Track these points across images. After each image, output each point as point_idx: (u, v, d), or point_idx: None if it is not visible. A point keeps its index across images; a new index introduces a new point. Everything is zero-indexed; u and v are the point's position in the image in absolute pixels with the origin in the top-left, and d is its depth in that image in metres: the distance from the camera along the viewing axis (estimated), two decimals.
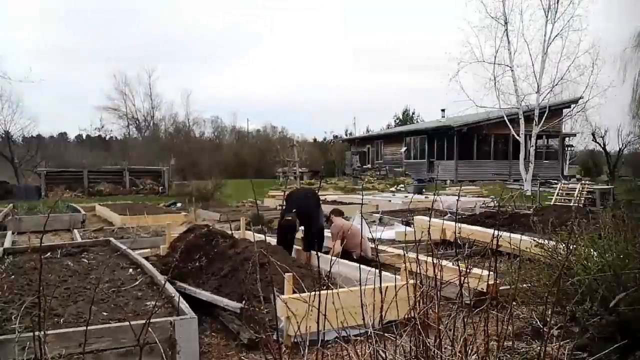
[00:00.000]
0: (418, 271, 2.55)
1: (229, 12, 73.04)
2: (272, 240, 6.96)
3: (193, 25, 67.81)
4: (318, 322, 2.09)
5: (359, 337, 2.34)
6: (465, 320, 2.35)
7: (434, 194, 11.96)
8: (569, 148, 33.59)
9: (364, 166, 34.91)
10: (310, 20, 79.66)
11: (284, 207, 7.01)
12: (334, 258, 3.72)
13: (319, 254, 2.66)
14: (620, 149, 31.11)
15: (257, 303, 3.70)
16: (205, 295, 4.39)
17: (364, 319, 2.28)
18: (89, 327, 2.57)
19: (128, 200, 16.89)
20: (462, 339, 2.25)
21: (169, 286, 4.15)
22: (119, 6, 63.03)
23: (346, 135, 45.83)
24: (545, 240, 4.00)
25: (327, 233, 6.82)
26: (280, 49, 76.59)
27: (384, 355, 2.20)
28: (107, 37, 62.74)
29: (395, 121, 52.30)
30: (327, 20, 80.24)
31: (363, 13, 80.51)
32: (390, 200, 14.83)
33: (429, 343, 2.23)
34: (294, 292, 3.69)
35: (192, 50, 69.62)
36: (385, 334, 2.27)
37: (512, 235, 5.35)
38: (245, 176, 28.58)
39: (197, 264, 5.20)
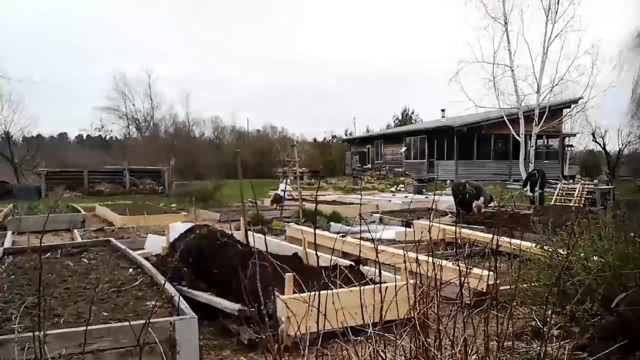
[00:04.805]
0: (418, 271, 2.55)
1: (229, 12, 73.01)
2: (273, 240, 6.97)
3: (191, 24, 67.85)
4: (318, 323, 2.09)
5: (359, 337, 2.34)
6: (465, 320, 2.35)
7: (434, 194, 11.99)
8: (569, 148, 33.60)
9: (364, 166, 34.88)
10: (309, 20, 79.70)
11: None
12: (333, 258, 3.72)
13: (318, 253, 2.67)
14: (620, 149, 31.16)
15: (257, 303, 3.69)
16: (204, 296, 4.39)
17: (363, 319, 2.28)
18: (89, 327, 2.57)
19: (128, 200, 16.85)
20: (462, 339, 2.25)
21: (169, 286, 4.14)
22: (119, 5, 63.12)
23: (346, 135, 45.78)
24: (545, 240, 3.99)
25: None
26: (280, 48, 76.62)
27: (383, 356, 2.20)
28: (106, 37, 62.89)
29: (394, 121, 52.30)
30: (328, 19, 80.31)
31: (365, 16, 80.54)
32: (390, 201, 14.83)
33: (429, 343, 2.23)
34: (294, 292, 3.69)
35: (192, 49, 69.66)
36: (385, 334, 2.26)
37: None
38: (245, 176, 28.55)
39: (197, 264, 5.20)
